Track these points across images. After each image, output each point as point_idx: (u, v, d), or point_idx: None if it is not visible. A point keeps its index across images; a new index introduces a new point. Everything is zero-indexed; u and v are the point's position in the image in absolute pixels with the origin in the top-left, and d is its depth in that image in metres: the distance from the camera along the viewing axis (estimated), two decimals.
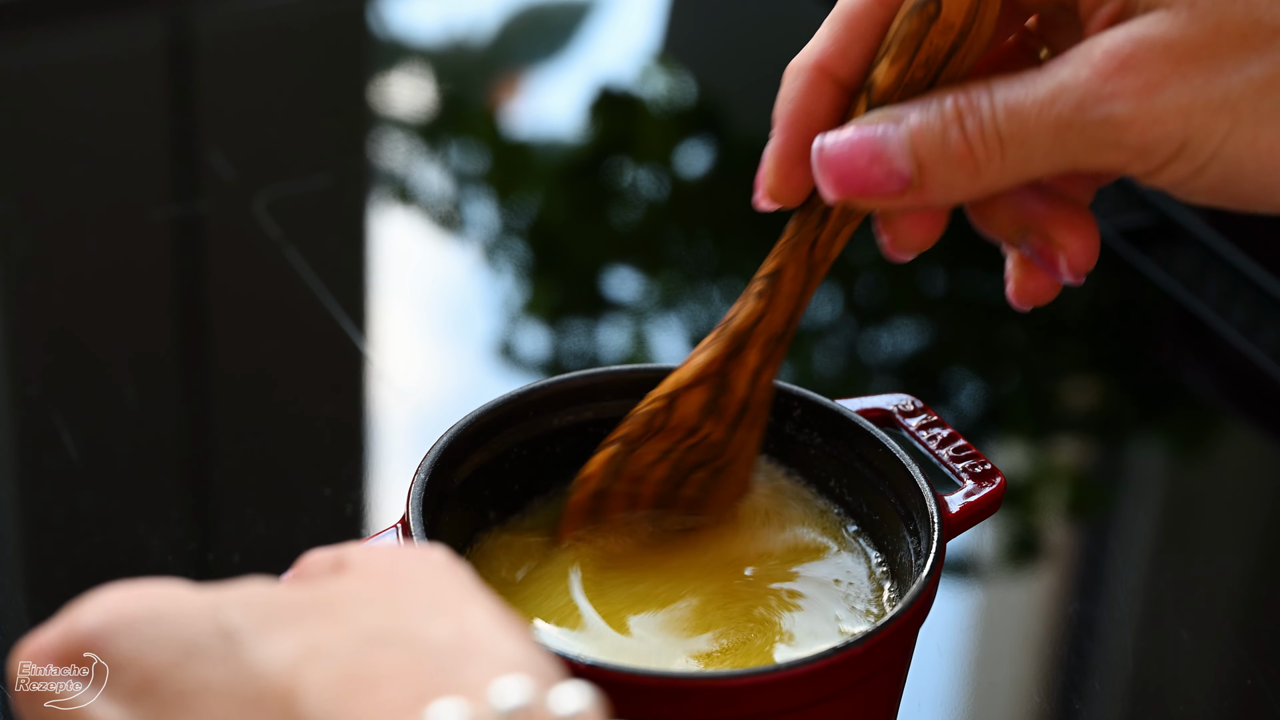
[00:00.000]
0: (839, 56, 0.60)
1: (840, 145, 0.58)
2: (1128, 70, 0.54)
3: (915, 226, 0.60)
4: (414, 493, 0.64)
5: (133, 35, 1.16)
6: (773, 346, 0.64)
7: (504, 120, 1.16)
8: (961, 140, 0.56)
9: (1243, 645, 0.78)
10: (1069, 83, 0.55)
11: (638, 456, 0.66)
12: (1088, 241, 0.60)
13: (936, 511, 0.64)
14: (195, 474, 0.85)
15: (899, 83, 0.58)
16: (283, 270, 0.96)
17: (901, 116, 0.57)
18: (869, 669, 0.60)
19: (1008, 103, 0.56)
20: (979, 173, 0.56)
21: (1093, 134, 0.55)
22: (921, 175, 0.56)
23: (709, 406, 0.65)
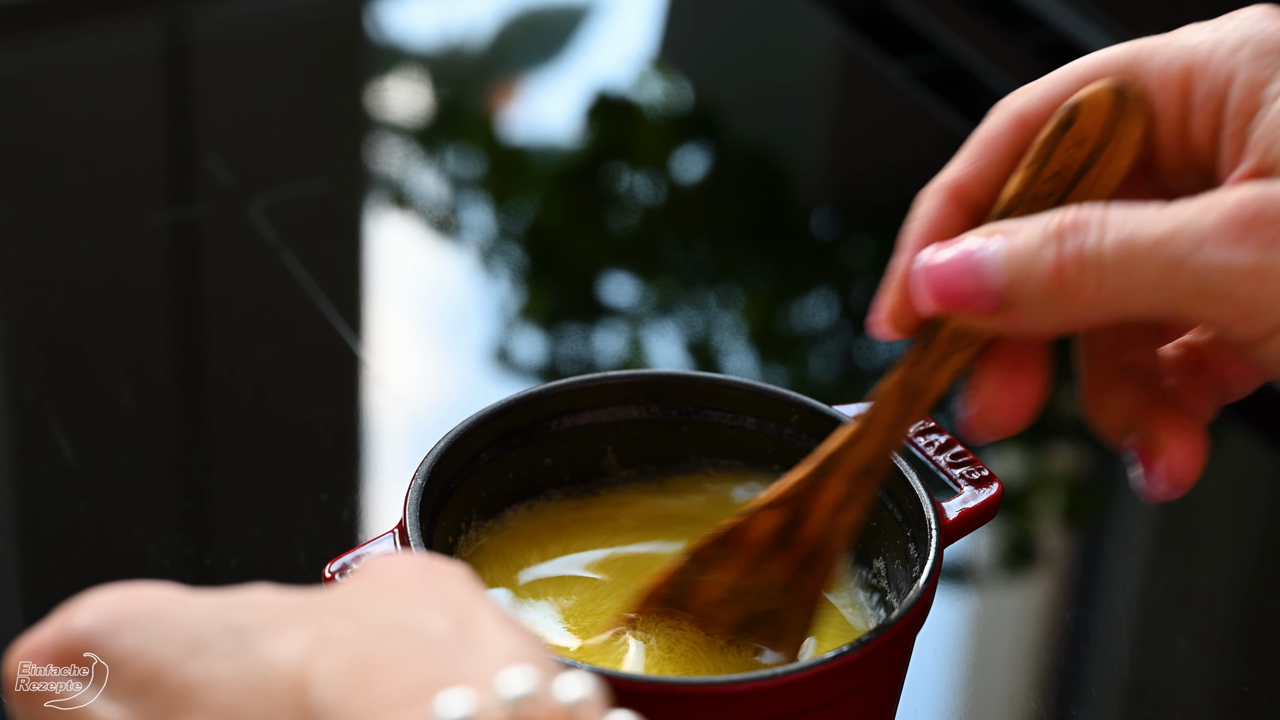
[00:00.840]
0: (973, 178, 0.58)
1: (944, 254, 0.56)
2: (1257, 224, 0.52)
3: (1003, 399, 0.58)
4: (411, 498, 0.64)
5: (130, 40, 1.16)
6: (858, 480, 0.60)
7: (501, 125, 1.16)
8: (1055, 259, 0.54)
9: (1239, 652, 0.78)
10: (1192, 223, 0.52)
11: (705, 586, 0.63)
12: (1194, 451, 0.58)
13: (934, 518, 0.64)
14: (192, 479, 0.85)
15: (1024, 194, 0.56)
16: (280, 275, 0.96)
17: (1010, 233, 0.55)
18: (866, 675, 0.60)
19: (1120, 229, 0.53)
20: (1069, 298, 0.54)
21: (1204, 280, 0.52)
22: (1012, 293, 0.54)
23: (783, 536, 0.61)
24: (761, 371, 0.96)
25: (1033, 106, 0.58)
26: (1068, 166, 0.56)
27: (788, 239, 1.07)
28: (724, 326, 0.98)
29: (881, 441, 0.60)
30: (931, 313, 0.56)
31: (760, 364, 0.96)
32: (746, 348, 0.97)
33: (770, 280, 1.04)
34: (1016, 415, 0.58)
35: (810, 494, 0.61)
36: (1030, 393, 0.58)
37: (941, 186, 0.59)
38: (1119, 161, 0.56)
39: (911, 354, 0.58)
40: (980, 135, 0.59)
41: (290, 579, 0.77)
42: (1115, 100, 0.56)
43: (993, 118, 0.59)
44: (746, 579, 0.62)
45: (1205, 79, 0.56)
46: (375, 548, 0.63)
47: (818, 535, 0.61)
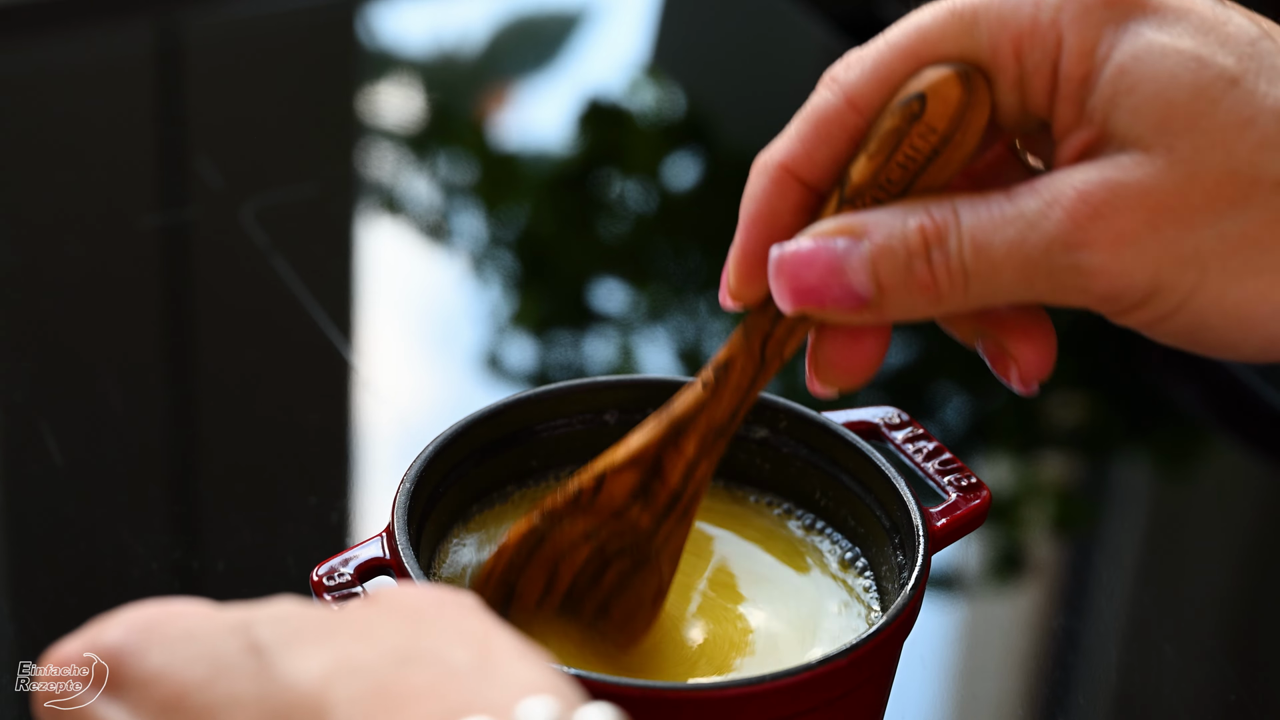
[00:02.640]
0: (805, 158, 0.58)
1: (798, 255, 0.56)
2: (1099, 218, 0.53)
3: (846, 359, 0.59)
4: (399, 502, 0.64)
5: (121, 43, 1.16)
6: (712, 439, 0.62)
7: (492, 131, 1.16)
8: (926, 271, 0.55)
9: (1227, 660, 0.78)
10: (1038, 222, 0.54)
11: (560, 534, 0.64)
12: (1042, 352, 0.59)
13: (921, 524, 0.64)
14: (181, 481, 0.85)
15: (873, 180, 0.57)
16: (270, 279, 0.96)
17: (864, 231, 0.55)
18: (853, 681, 0.60)
19: (975, 237, 0.54)
20: (940, 301, 0.55)
21: (1059, 278, 0.54)
22: (881, 298, 0.55)
23: (639, 490, 0.63)
24: None
25: (864, 86, 0.57)
26: (914, 157, 0.56)
27: None
28: (715, 334, 0.98)
29: (733, 404, 0.61)
30: (790, 311, 0.57)
31: None
32: None
33: None
34: (859, 371, 0.59)
35: (666, 453, 0.62)
36: (872, 349, 0.59)
37: (773, 164, 0.58)
38: (965, 148, 0.56)
39: (762, 321, 0.60)
40: (811, 113, 0.58)
41: (278, 582, 0.77)
42: (963, 90, 0.56)
43: (822, 94, 0.58)
44: (603, 524, 0.63)
45: (1035, 45, 0.56)
46: (363, 551, 0.63)
47: (675, 487, 0.62)
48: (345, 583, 0.61)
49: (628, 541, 0.64)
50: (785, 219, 0.58)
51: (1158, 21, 0.55)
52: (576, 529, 0.63)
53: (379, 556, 0.62)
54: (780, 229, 0.58)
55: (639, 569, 0.64)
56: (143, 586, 0.77)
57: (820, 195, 0.58)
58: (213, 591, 0.77)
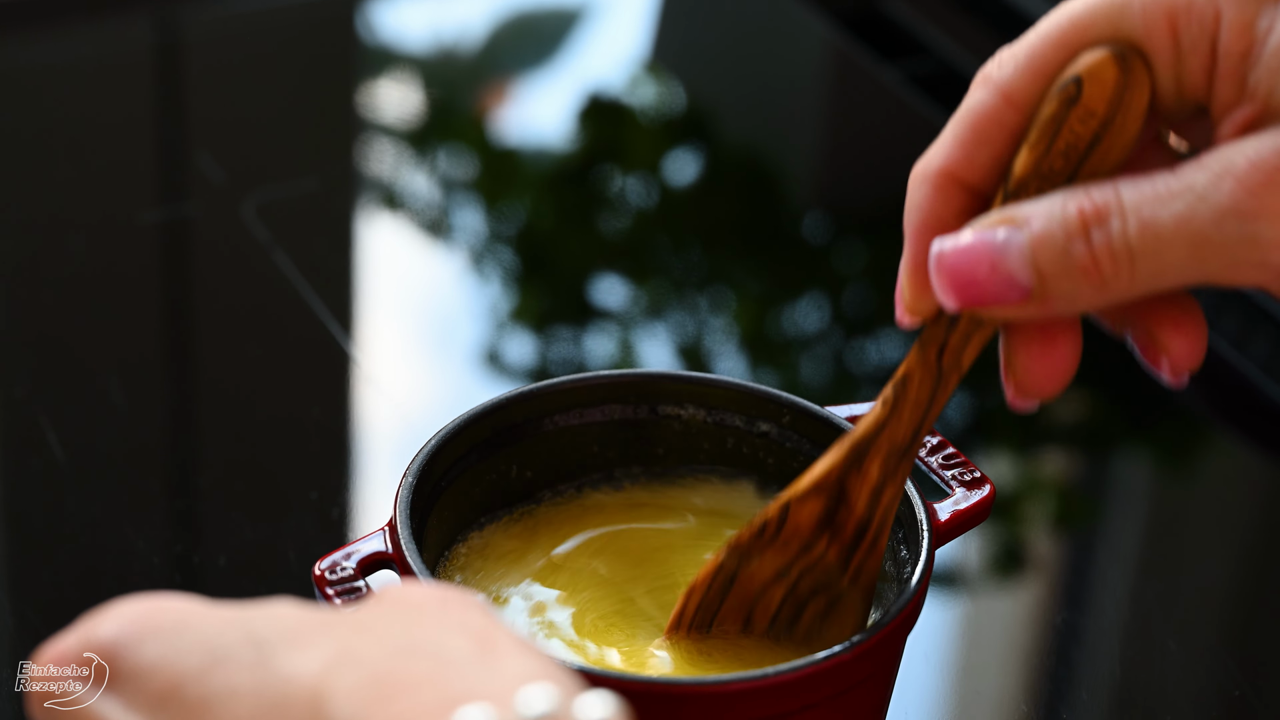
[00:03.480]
0: (965, 162, 0.57)
1: (958, 252, 0.55)
2: (1275, 185, 0.52)
3: (1040, 367, 0.57)
4: (401, 496, 0.63)
5: (121, 38, 1.16)
6: (896, 460, 0.60)
7: (493, 127, 1.16)
8: (1087, 254, 0.53)
9: (1229, 655, 0.78)
10: (1209, 195, 0.52)
11: (750, 573, 0.62)
12: (1194, 343, 0.57)
13: (925, 519, 0.64)
14: (181, 477, 0.85)
15: (1036, 171, 0.55)
16: (270, 274, 0.96)
17: (1024, 220, 0.54)
18: (856, 676, 0.60)
19: (1140, 214, 0.53)
20: (1105, 286, 0.53)
21: (1234, 252, 0.52)
22: (1043, 287, 0.54)
23: (825, 520, 0.61)
24: (753, 374, 0.96)
25: (1020, 81, 0.56)
26: (1076, 144, 0.55)
27: (779, 242, 1.07)
28: (715, 330, 0.98)
29: (914, 422, 0.59)
30: (954, 309, 0.55)
31: (751, 367, 0.96)
32: (738, 351, 0.97)
33: (762, 283, 1.04)
34: (1055, 378, 0.57)
35: (850, 478, 0.60)
36: (1066, 353, 0.57)
37: (932, 172, 0.57)
38: (1128, 132, 0.55)
39: (937, 331, 0.58)
40: (967, 115, 0.57)
41: (279, 577, 0.77)
42: (1120, 71, 0.54)
43: (977, 95, 0.57)
44: (794, 561, 0.62)
45: (1192, 22, 0.55)
46: (365, 545, 0.62)
47: (862, 515, 0.61)
48: (347, 577, 0.61)
49: (820, 580, 0.62)
50: (952, 225, 0.57)
51: None
52: (766, 567, 0.62)
53: (381, 551, 0.62)
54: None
55: (834, 607, 0.63)
56: (144, 581, 0.76)
57: (985, 198, 0.57)
58: (214, 586, 0.77)
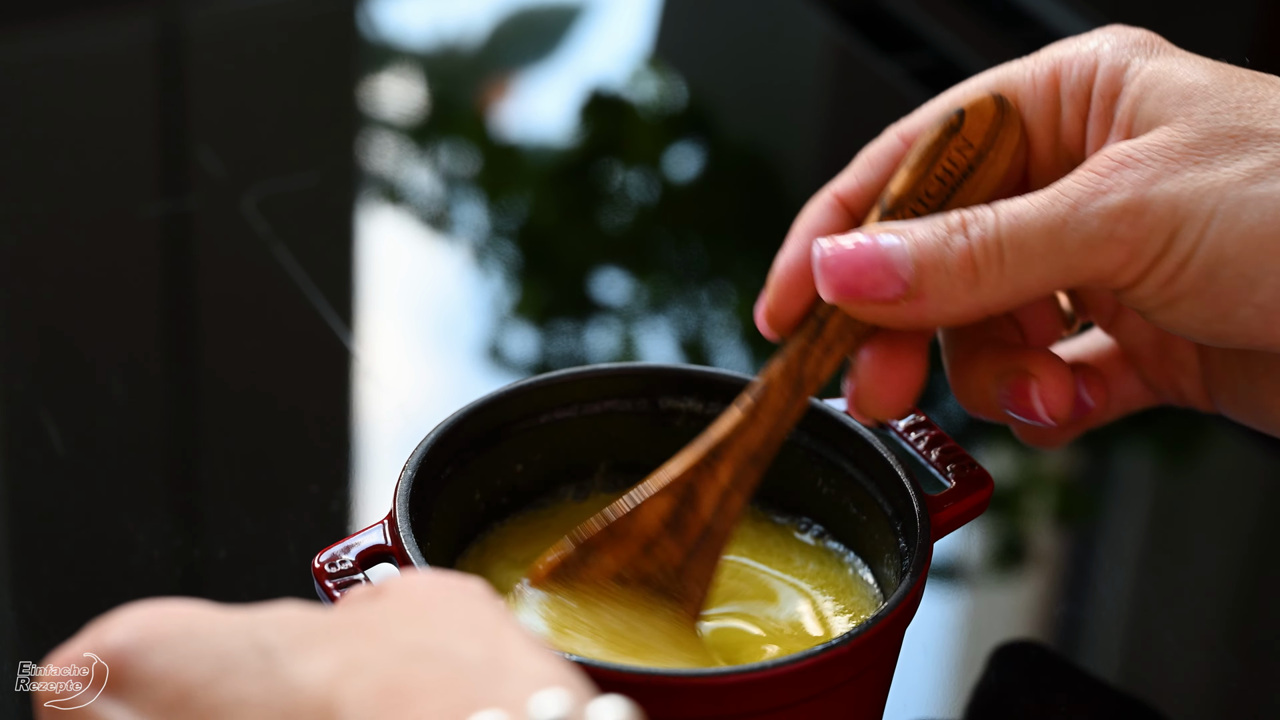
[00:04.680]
0: (854, 184, 0.63)
1: (842, 247, 0.59)
2: (1124, 167, 0.57)
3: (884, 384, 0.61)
4: (401, 489, 0.64)
5: (123, 33, 1.16)
6: (745, 466, 0.62)
7: (494, 122, 1.16)
8: (964, 247, 0.57)
9: (1228, 649, 0.78)
10: (1069, 187, 0.57)
11: (591, 569, 0.63)
12: (1064, 383, 0.62)
13: (923, 512, 0.64)
14: (182, 470, 0.85)
15: (912, 193, 0.60)
16: (271, 268, 0.96)
17: (905, 229, 0.59)
18: (855, 669, 0.60)
19: (1010, 210, 0.57)
20: (977, 280, 0.57)
21: (1087, 228, 0.57)
22: (920, 282, 0.58)
23: (672, 520, 0.62)
24: (754, 369, 0.96)
25: (915, 125, 0.62)
26: (952, 170, 0.60)
27: (781, 236, 1.07)
28: (716, 324, 0.98)
29: (769, 429, 0.62)
30: (833, 300, 0.59)
31: (753, 361, 0.96)
32: (739, 345, 0.97)
33: (763, 278, 1.04)
34: (897, 398, 0.62)
35: (699, 479, 0.62)
36: (910, 375, 0.61)
37: (826, 195, 0.63)
38: (999, 166, 0.61)
39: (799, 341, 0.61)
40: (866, 153, 0.63)
41: (279, 570, 0.77)
42: (997, 109, 0.60)
43: (880, 139, 0.63)
44: (636, 562, 0.63)
45: (1073, 72, 0.61)
46: (364, 538, 0.63)
47: (707, 519, 0.62)
48: (347, 570, 0.61)
49: (658, 583, 0.63)
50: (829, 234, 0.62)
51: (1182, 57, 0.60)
52: (608, 564, 0.63)
53: (381, 544, 0.62)
54: None
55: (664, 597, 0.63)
56: (144, 575, 0.77)
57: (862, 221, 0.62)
58: (214, 579, 0.77)
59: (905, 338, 0.62)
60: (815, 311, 0.61)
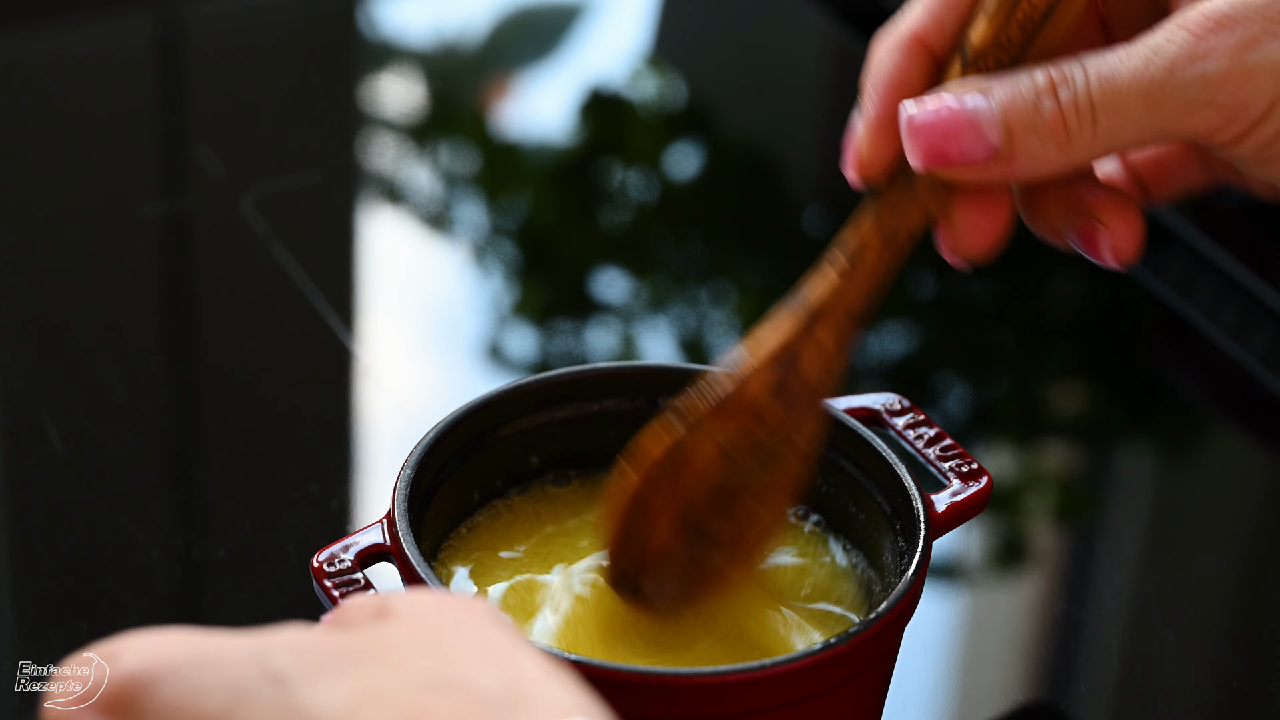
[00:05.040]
0: (934, 28, 0.59)
1: (929, 112, 0.57)
2: (1222, 29, 0.55)
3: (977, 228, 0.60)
4: (399, 488, 0.64)
5: (123, 32, 1.16)
6: (847, 327, 0.60)
7: (494, 121, 1.16)
8: (1055, 109, 0.56)
9: (1228, 647, 0.78)
10: (1162, 46, 0.55)
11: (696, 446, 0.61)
12: (1133, 227, 0.60)
13: (922, 510, 0.64)
14: (181, 469, 0.85)
15: (994, 41, 0.58)
16: (271, 267, 0.96)
17: (991, 88, 0.57)
18: (854, 667, 0.60)
19: (1100, 71, 0.56)
20: (1069, 142, 0.56)
21: (1185, 94, 0.55)
22: (1011, 145, 0.56)
23: (778, 387, 0.61)
24: None
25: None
26: (1032, 14, 0.58)
27: (780, 235, 1.07)
28: (716, 323, 0.98)
29: (870, 289, 0.60)
30: (922, 168, 0.57)
31: None
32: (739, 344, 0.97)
33: (763, 277, 1.04)
34: (989, 238, 0.60)
35: (802, 346, 0.60)
36: (1002, 217, 0.60)
37: (901, 35, 0.60)
38: (1076, 6, 0.58)
39: (890, 197, 0.60)
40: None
41: (279, 569, 0.77)
42: None
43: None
44: (748, 431, 0.61)
45: None
46: (363, 537, 0.63)
47: (813, 384, 0.61)
48: (345, 569, 0.61)
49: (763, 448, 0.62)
50: (917, 87, 0.59)
51: None
52: (714, 440, 0.61)
53: (379, 543, 0.62)
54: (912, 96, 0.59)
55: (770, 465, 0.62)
56: (143, 574, 0.77)
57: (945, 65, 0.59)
58: (213, 579, 0.77)
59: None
60: (904, 165, 0.59)
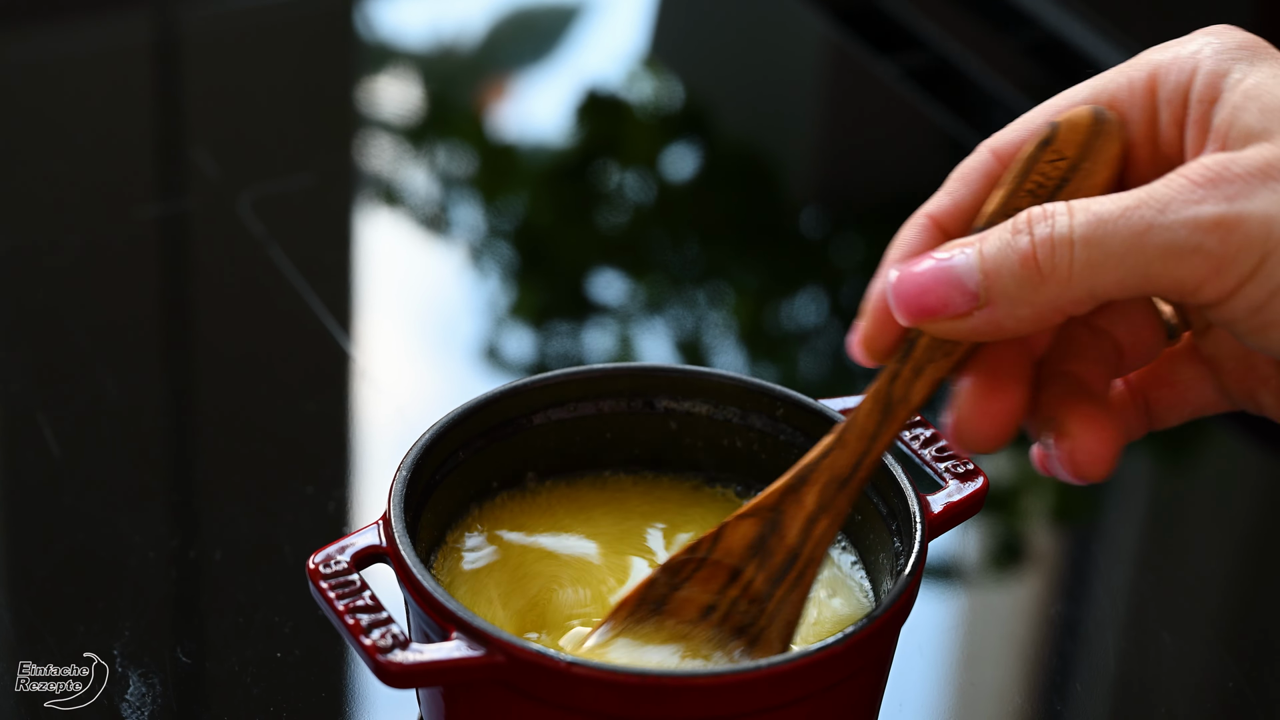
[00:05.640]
0: (951, 209, 0.59)
1: (910, 268, 0.57)
2: (1220, 181, 0.54)
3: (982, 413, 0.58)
4: (395, 489, 0.64)
5: (119, 33, 1.16)
6: (834, 491, 0.60)
7: (491, 122, 1.16)
8: (1029, 244, 0.55)
9: (1224, 647, 0.78)
10: (1158, 190, 0.54)
11: (681, 600, 0.62)
12: (1102, 445, 0.58)
13: (918, 511, 0.64)
14: (177, 471, 0.85)
15: (1002, 209, 0.58)
16: (267, 269, 0.96)
17: (976, 240, 0.56)
18: (851, 667, 0.60)
19: (1090, 207, 0.55)
20: (1042, 279, 0.55)
21: (1173, 235, 0.54)
22: (987, 287, 0.55)
23: (757, 544, 0.61)
24: (751, 369, 0.96)
25: (1009, 140, 0.60)
26: (1044, 184, 0.57)
27: (777, 237, 1.07)
28: (713, 324, 0.98)
29: (858, 452, 0.60)
30: (907, 323, 0.57)
31: (750, 362, 0.96)
32: (736, 346, 0.97)
33: (759, 278, 1.04)
34: (995, 430, 0.58)
35: (786, 503, 0.61)
36: (1009, 407, 0.58)
37: (920, 216, 0.60)
38: (1097, 177, 0.58)
39: (890, 365, 0.59)
40: (959, 170, 0.60)
41: (275, 571, 0.77)
42: (1093, 120, 0.58)
43: (973, 155, 0.60)
44: (723, 592, 0.62)
45: (1170, 77, 0.58)
46: (359, 539, 0.63)
47: (793, 545, 0.61)
48: (341, 570, 0.61)
49: (746, 615, 0.62)
50: None
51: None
52: (696, 595, 0.62)
53: (375, 544, 0.62)
54: None
55: (754, 647, 0.62)
56: (140, 575, 0.77)
57: None
58: (210, 580, 0.77)
59: (1006, 366, 0.59)
60: (907, 334, 0.59)
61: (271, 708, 0.71)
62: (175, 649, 0.73)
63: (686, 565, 0.62)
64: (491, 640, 0.58)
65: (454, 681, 0.59)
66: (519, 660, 0.58)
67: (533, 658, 0.58)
